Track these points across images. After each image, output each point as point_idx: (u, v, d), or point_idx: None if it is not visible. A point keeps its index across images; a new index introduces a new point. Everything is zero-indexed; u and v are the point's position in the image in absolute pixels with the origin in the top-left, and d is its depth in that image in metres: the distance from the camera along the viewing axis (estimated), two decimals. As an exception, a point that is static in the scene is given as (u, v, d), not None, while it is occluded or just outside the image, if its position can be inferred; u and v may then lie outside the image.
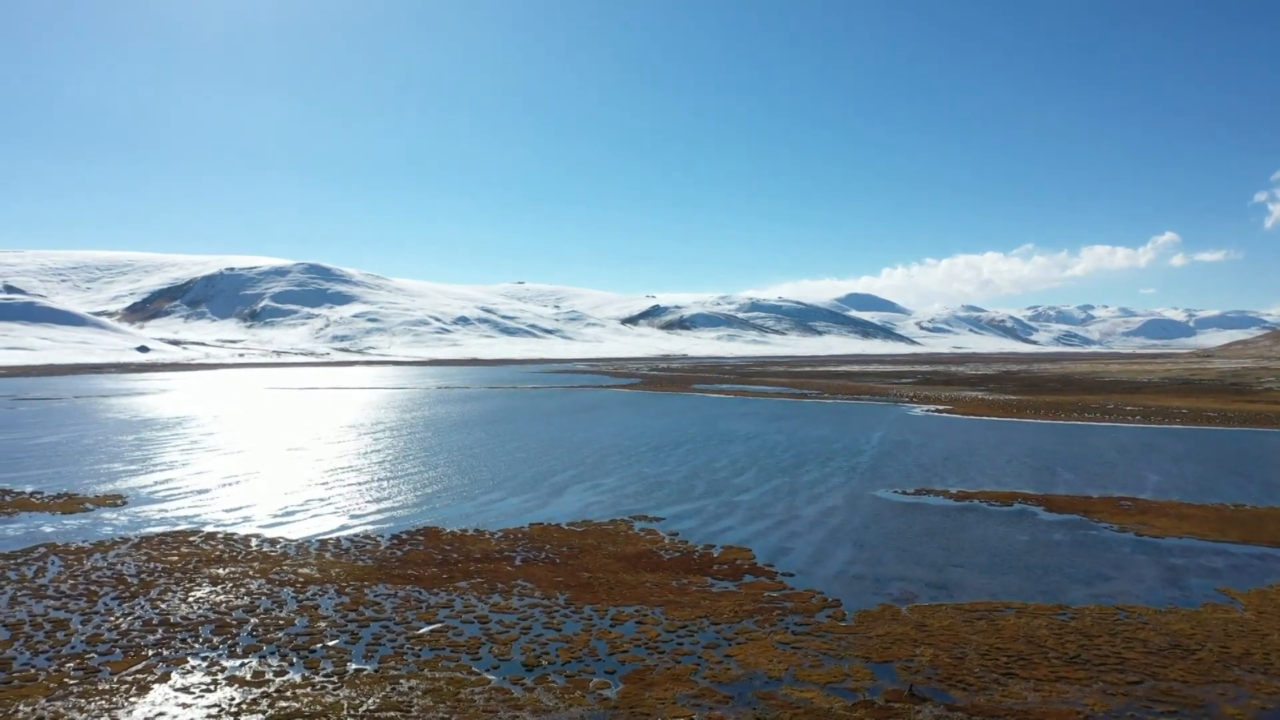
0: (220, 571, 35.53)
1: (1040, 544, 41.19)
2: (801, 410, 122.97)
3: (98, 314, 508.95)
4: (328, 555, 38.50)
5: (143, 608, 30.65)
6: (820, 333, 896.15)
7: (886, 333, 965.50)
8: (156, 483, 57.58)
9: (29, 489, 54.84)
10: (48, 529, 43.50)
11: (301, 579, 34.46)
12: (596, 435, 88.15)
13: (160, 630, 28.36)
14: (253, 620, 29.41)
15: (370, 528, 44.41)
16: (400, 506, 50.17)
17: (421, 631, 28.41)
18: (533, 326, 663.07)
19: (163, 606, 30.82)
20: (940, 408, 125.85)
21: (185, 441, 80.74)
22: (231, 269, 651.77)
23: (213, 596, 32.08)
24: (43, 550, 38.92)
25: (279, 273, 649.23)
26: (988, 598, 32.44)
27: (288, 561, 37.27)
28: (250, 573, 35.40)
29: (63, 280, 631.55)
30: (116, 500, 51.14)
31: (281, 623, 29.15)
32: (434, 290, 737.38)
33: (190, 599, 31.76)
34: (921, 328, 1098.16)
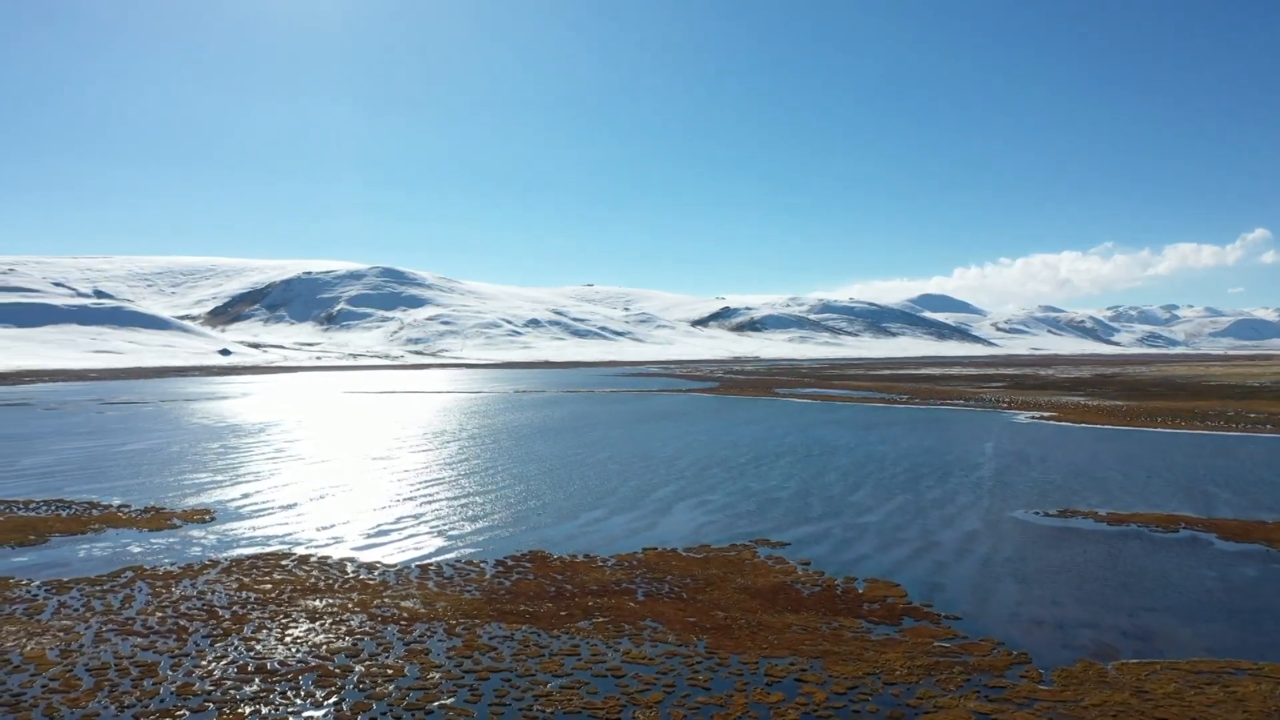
0: (317, 604, 32.33)
1: (1235, 582, 35.85)
2: (895, 417, 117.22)
3: (182, 318, 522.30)
4: (430, 585, 35.09)
5: (236, 649, 27.48)
6: (893, 334, 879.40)
7: (962, 334, 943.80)
8: (244, 496, 55.19)
9: (116, 501, 52.86)
10: (135, 549, 41.00)
11: (406, 615, 31.04)
12: (689, 444, 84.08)
13: (257, 680, 25.10)
14: (358, 668, 25.99)
15: (471, 551, 40.99)
16: (499, 526, 46.73)
17: (550, 687, 24.68)
18: (603, 329, 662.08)
19: (258, 648, 27.61)
20: (1044, 414, 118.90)
21: (269, 449, 78.89)
22: (309, 273, 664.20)
23: (311, 636, 28.80)
24: (130, 575, 36.27)
25: (354, 276, 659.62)
26: (1203, 654, 27.48)
27: (388, 592, 33.94)
28: (350, 605, 32.12)
29: (149, 285, 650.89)
30: (204, 516, 48.69)
31: (390, 672, 25.67)
32: (505, 293, 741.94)
33: (287, 638, 28.52)
34: (998, 329, 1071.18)
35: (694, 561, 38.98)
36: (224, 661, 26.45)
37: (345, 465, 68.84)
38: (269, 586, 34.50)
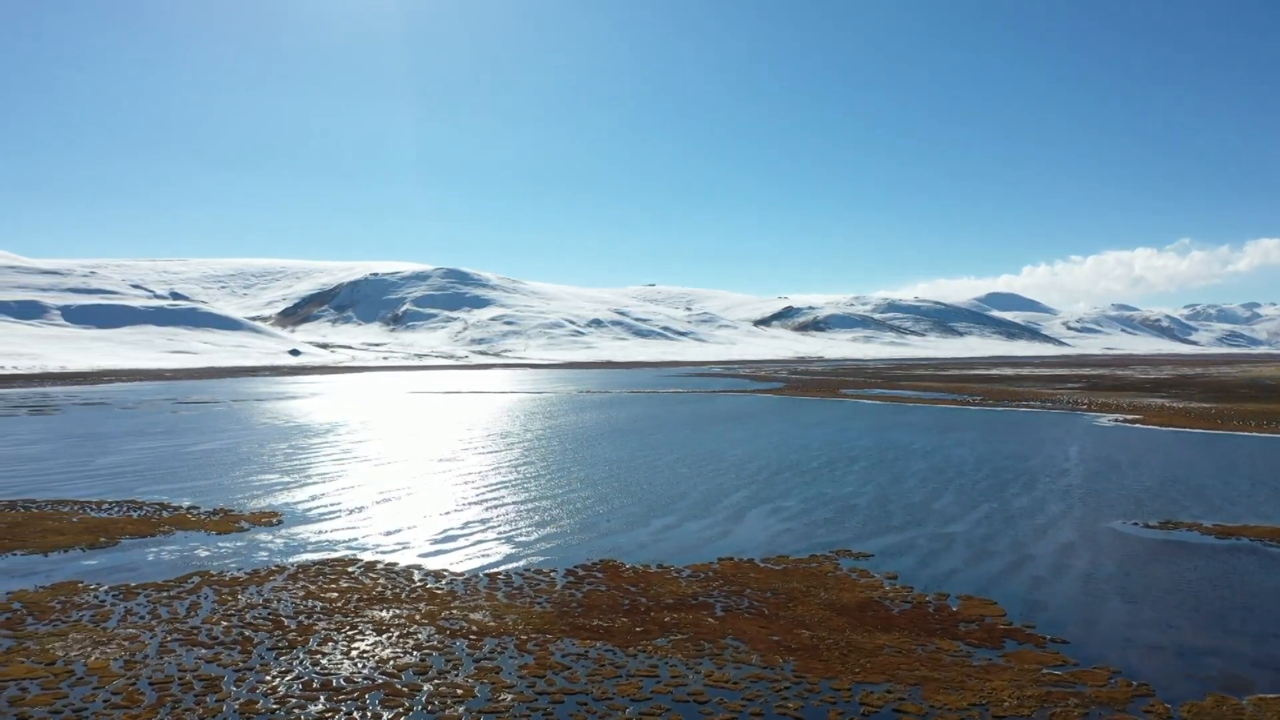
0: (384, 614, 31.21)
1: (1370, 605, 32.78)
2: (969, 419, 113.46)
3: (253, 319, 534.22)
4: (499, 595, 33.77)
5: (302, 663, 26.42)
6: (961, 334, 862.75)
7: (1032, 333, 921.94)
8: (311, 498, 54.72)
9: (186, 503, 52.76)
10: (203, 553, 40.49)
11: (475, 628, 29.73)
12: (758, 447, 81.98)
13: (322, 698, 23.95)
14: (426, 687, 24.70)
15: (540, 559, 39.63)
16: (568, 532, 45.34)
17: (628, 713, 23.10)
18: (665, 329, 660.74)
19: (323, 662, 26.52)
20: (1128, 417, 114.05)
21: (337, 450, 78.84)
22: (375, 274, 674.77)
23: (378, 650, 27.63)
24: (196, 580, 35.64)
25: (419, 278, 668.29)
26: (1350, 688, 24.81)
27: (456, 603, 32.69)
28: (417, 617, 30.94)
29: (222, 287, 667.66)
30: (271, 518, 48.20)
31: (460, 692, 24.32)
32: (567, 293, 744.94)
33: (353, 652, 27.40)
34: (1069, 328, 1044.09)
35: (773, 573, 37.08)
36: (289, 677, 25.39)
37: (411, 467, 68.27)
38: (335, 595, 33.53)
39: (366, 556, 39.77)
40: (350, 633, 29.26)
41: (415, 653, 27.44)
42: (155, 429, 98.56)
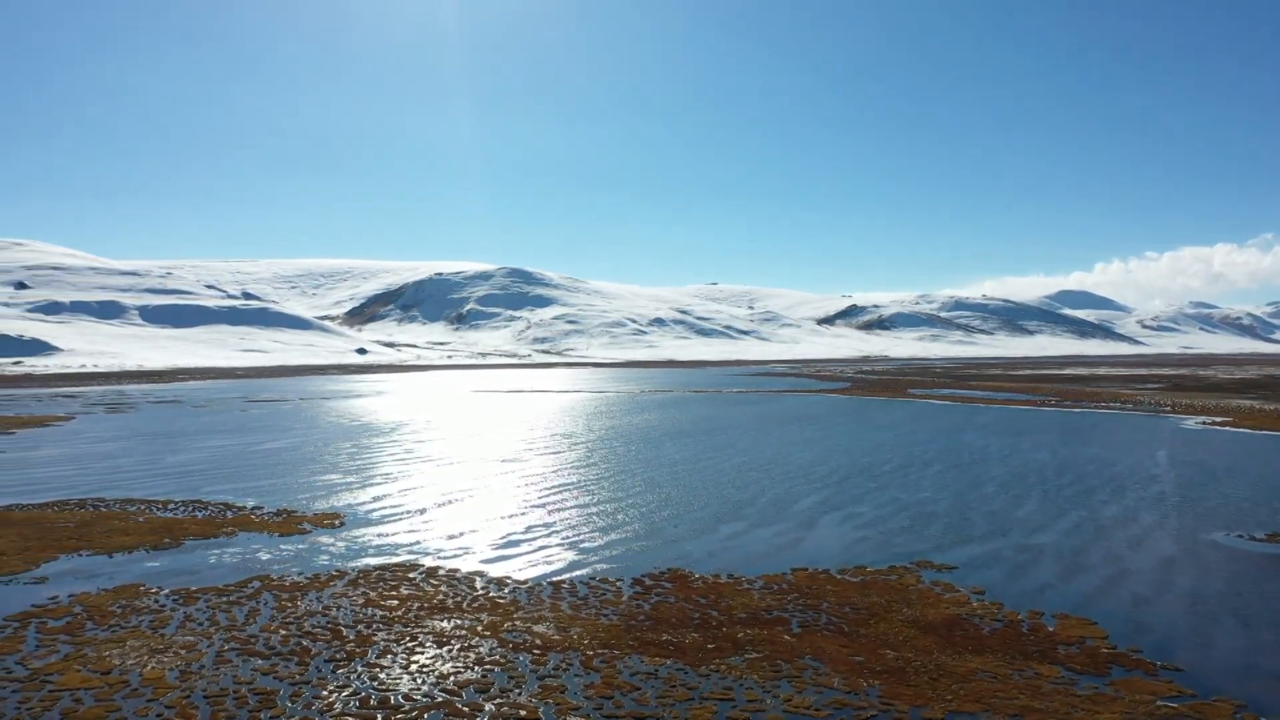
0: (445, 625, 30.04)
1: None
2: (1046, 420, 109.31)
3: (322, 318, 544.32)
4: (564, 606, 32.38)
5: (359, 678, 25.31)
6: (1031, 332, 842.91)
7: (1105, 332, 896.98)
8: (373, 499, 54.12)
9: (251, 503, 52.53)
10: (264, 556, 39.89)
11: (538, 642, 28.37)
12: (826, 449, 79.62)
13: (379, 716, 22.77)
14: (488, 707, 23.38)
15: (605, 567, 38.19)
16: (633, 538, 43.84)
17: (703, 741, 21.46)
18: (727, 328, 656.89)
19: (382, 677, 25.38)
20: (1216, 419, 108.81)
21: (400, 450, 78.54)
22: (440, 274, 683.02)
23: (438, 664, 26.42)
24: (257, 585, 34.94)
25: (483, 277, 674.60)
26: None
27: (519, 614, 31.39)
28: (479, 628, 29.70)
29: (292, 287, 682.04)
30: (334, 520, 47.59)
31: (523, 714, 22.95)
32: (629, 292, 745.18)
33: (412, 666, 26.23)
34: (1144, 326, 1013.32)
35: (850, 586, 35.10)
36: (345, 692, 24.29)
37: (474, 468, 67.49)
38: (395, 603, 32.48)
39: (428, 562, 38.76)
40: (410, 644, 28.12)
41: (477, 668, 26.17)
42: (224, 427, 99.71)
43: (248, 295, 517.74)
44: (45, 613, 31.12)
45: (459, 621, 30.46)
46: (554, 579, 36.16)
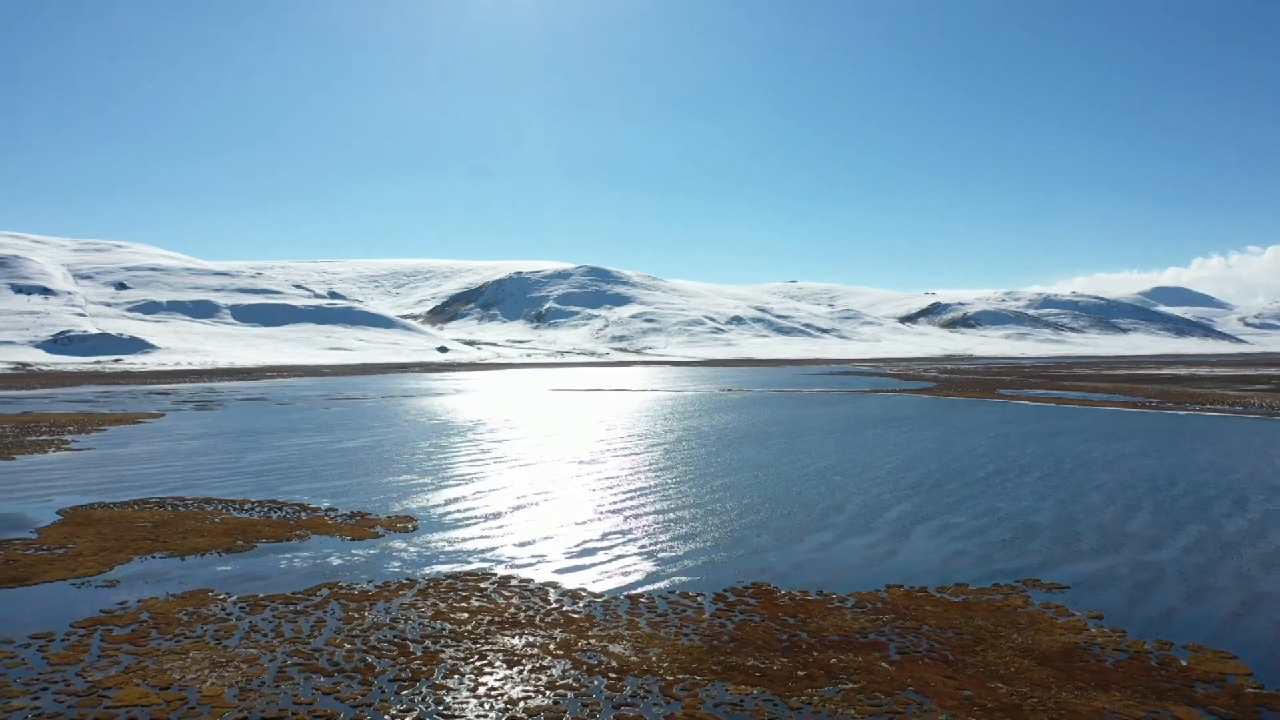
0: (516, 642, 28.34)
1: None
2: (1148, 423, 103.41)
3: (404, 316, 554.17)
4: (641, 623, 30.41)
5: (424, 700, 23.73)
6: (1124, 330, 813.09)
7: (1204, 330, 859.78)
8: (447, 502, 53.01)
9: (325, 504, 51.90)
10: (335, 561, 38.87)
11: (614, 664, 26.45)
12: (915, 453, 76.16)
13: (443, 747, 21.10)
14: (559, 740, 21.53)
15: (685, 580, 36.11)
16: (714, 549, 41.66)
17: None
18: (807, 326, 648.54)
19: (447, 700, 23.76)
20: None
21: (476, 450, 77.70)
22: (519, 273, 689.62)
23: (507, 687, 24.70)
24: (325, 593, 33.80)
25: (562, 276, 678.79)
26: None
27: (594, 630, 29.53)
28: (551, 646, 27.92)
29: (376, 286, 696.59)
30: (407, 524, 46.51)
31: (597, 748, 21.04)
32: (707, 290, 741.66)
33: (480, 689, 24.55)
34: (1246, 324, 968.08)
35: (952, 607, 32.34)
36: (409, 717, 22.70)
37: (549, 470, 66.10)
38: (465, 616, 30.92)
39: (500, 571, 37.21)
40: (479, 664, 26.48)
41: (548, 692, 24.37)
42: (306, 425, 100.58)
43: (334, 295, 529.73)
44: (112, 619, 30.41)
45: (531, 638, 28.74)
46: (631, 592, 34.23)
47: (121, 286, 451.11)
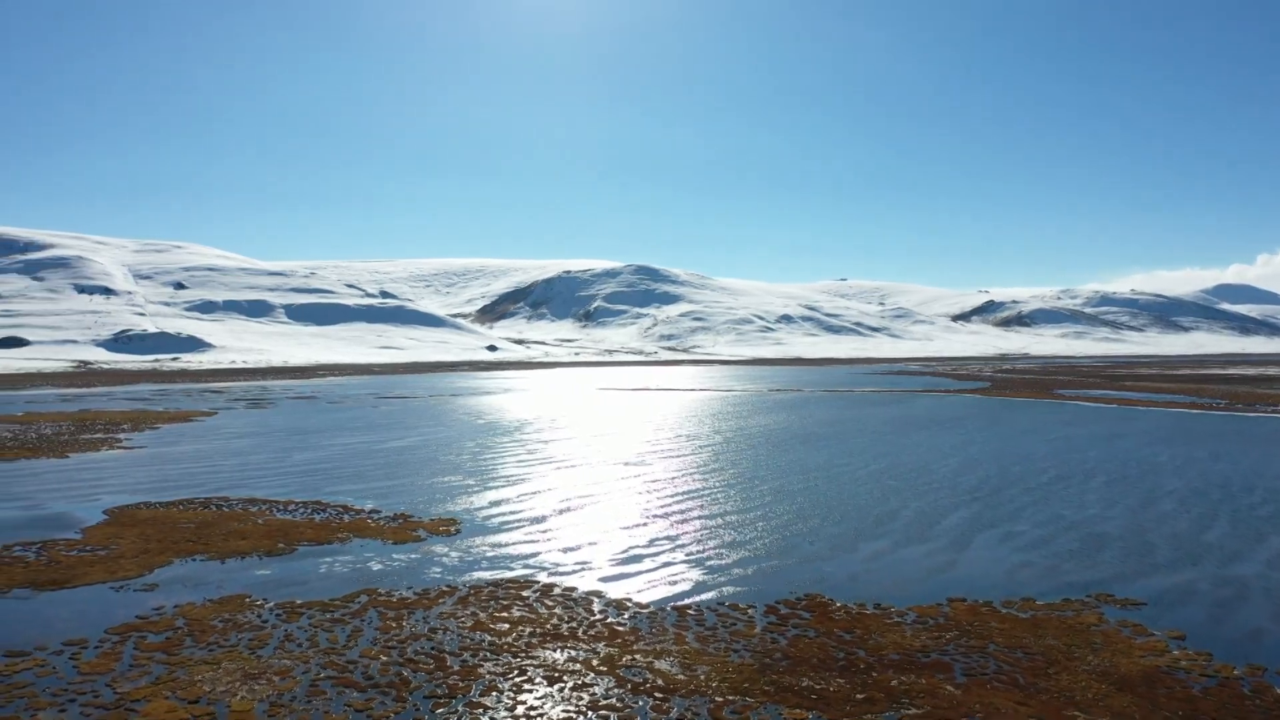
0: (557, 656, 27.09)
1: None
2: (1218, 426, 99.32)
3: (454, 315, 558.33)
4: (689, 638, 28.96)
5: (460, 720, 22.55)
6: (1186, 329, 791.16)
7: (1271, 328, 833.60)
8: (491, 504, 52.02)
9: (368, 506, 51.22)
10: (375, 566, 38.00)
11: (660, 682, 25.05)
12: (972, 456, 73.64)
13: (478, 773, 19.88)
14: (601, 767, 20.18)
15: (735, 591, 34.58)
16: (765, 557, 40.06)
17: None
18: (857, 324, 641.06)
19: (484, 720, 22.56)
20: None
21: (522, 450, 76.81)
22: (568, 272, 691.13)
23: (547, 706, 23.43)
24: (363, 600, 32.87)
25: (610, 274, 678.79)
26: None
27: (640, 645, 28.16)
28: (594, 662, 26.62)
29: (427, 285, 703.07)
30: (450, 527, 45.57)
31: (641, 778, 19.65)
32: (756, 289, 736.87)
33: (519, 708, 23.31)
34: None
35: (1020, 624, 30.40)
36: (443, 738, 21.54)
37: (596, 471, 64.91)
38: (505, 627, 29.74)
39: (543, 578, 36.01)
40: (518, 680, 25.25)
41: (590, 714, 23.05)
42: (354, 424, 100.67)
43: (385, 294, 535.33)
44: (147, 625, 29.74)
45: (573, 652, 27.46)
46: (678, 603, 32.80)
47: (180, 286, 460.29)
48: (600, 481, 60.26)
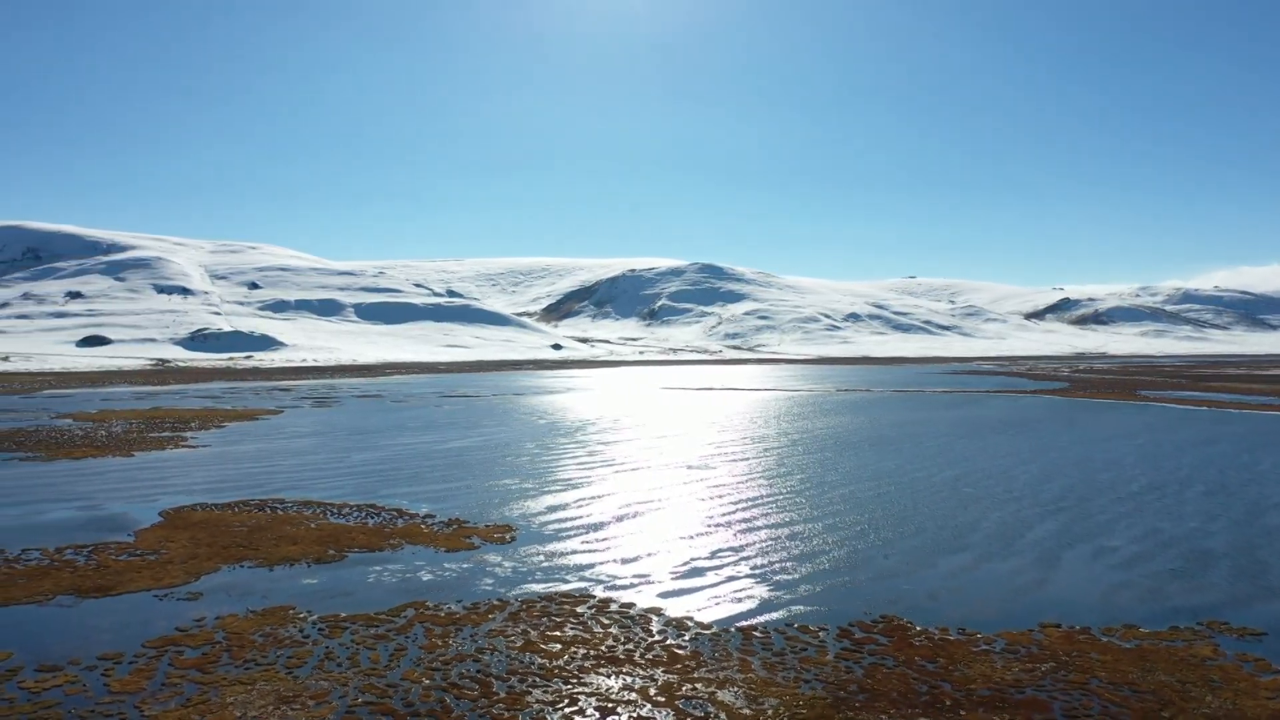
0: (612, 683, 25.02)
1: None
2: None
3: (519, 314, 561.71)
4: (755, 664, 26.66)
5: (503, 757, 20.60)
6: (1274, 327, 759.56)
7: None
8: (548, 509, 50.23)
9: (424, 510, 49.84)
10: (425, 576, 36.40)
11: (724, 716, 22.80)
12: (1054, 462, 69.73)
13: (519, 823, 17.88)
14: (656, 820, 18.03)
15: (804, 610, 32.12)
16: (835, 572, 37.49)
17: None
18: (927, 323, 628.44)
19: (530, 758, 20.56)
20: None
21: (583, 453, 75.03)
22: (632, 270, 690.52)
23: (599, 743, 21.36)
24: (410, 614, 31.23)
25: (675, 273, 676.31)
26: None
27: (701, 671, 25.95)
28: (651, 690, 24.49)
29: (493, 284, 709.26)
30: (504, 534, 43.88)
31: (701, 836, 17.44)
32: (823, 287, 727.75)
33: (568, 744, 21.28)
34: None
35: (1123, 655, 27.44)
36: (484, 779, 19.60)
37: (657, 475, 62.78)
38: (557, 648, 27.79)
39: (599, 593, 33.99)
40: (568, 710, 23.26)
41: (645, 753, 20.93)
42: (415, 423, 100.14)
43: (451, 293, 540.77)
44: (186, 638, 28.48)
45: (629, 679, 25.37)
46: (743, 623, 30.49)
47: (254, 286, 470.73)
48: (662, 486, 58.13)
